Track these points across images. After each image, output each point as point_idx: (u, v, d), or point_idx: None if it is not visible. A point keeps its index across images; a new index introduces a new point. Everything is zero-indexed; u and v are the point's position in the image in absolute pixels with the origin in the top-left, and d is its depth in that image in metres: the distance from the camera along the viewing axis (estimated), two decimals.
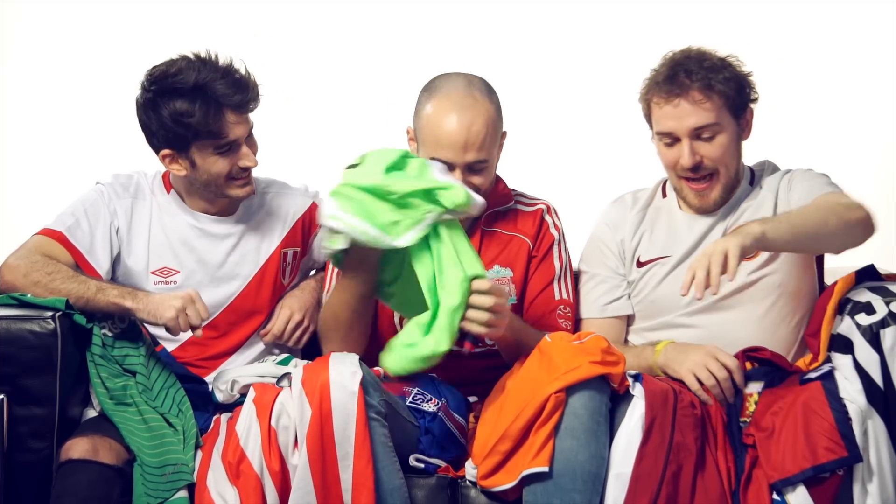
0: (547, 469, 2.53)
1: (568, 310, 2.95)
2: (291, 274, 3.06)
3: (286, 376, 2.73)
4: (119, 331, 2.81)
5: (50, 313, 2.69)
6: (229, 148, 2.90)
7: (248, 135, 2.93)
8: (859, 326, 2.57)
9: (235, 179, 2.93)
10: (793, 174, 2.94)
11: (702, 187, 2.90)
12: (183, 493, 2.63)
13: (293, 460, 2.59)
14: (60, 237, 2.90)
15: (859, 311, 2.58)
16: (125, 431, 2.70)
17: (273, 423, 2.60)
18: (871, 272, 2.76)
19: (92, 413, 2.80)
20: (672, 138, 2.87)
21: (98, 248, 2.92)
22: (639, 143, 2.97)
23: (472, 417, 2.81)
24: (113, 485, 2.63)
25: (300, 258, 3.08)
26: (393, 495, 2.59)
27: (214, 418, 2.81)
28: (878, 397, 2.54)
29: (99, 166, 3.22)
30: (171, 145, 2.89)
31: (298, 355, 3.00)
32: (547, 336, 2.64)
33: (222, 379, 2.86)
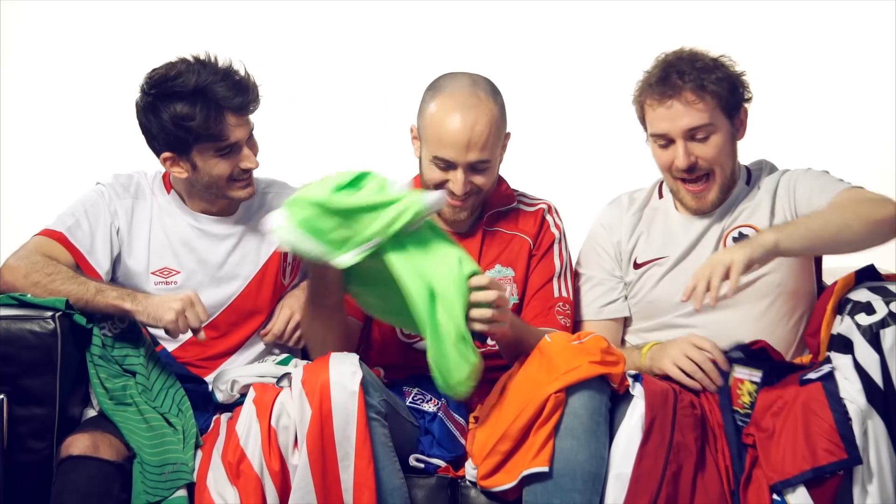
0: (547, 469, 2.53)
1: (567, 307, 2.95)
2: (291, 274, 3.06)
3: (286, 376, 2.73)
4: (119, 331, 2.81)
5: (50, 313, 2.69)
6: (230, 150, 2.89)
7: (249, 136, 2.93)
8: (859, 326, 2.57)
9: (237, 181, 2.93)
10: (792, 175, 2.93)
11: (698, 189, 2.89)
12: (182, 492, 2.63)
13: (293, 460, 2.59)
14: (61, 237, 2.90)
15: (859, 311, 2.58)
16: (125, 431, 2.70)
17: (273, 423, 2.60)
18: (871, 272, 2.75)
19: (92, 413, 2.80)
20: (666, 140, 2.86)
21: (98, 249, 2.92)
22: (639, 143, 2.96)
23: (471, 417, 2.81)
24: (113, 481, 2.63)
25: (300, 258, 3.08)
26: (393, 495, 2.59)
27: (214, 418, 2.81)
28: (877, 397, 2.53)
29: (99, 166, 3.22)
30: (171, 148, 2.89)
31: (298, 355, 3.00)
32: (547, 336, 2.64)
33: (222, 379, 2.86)
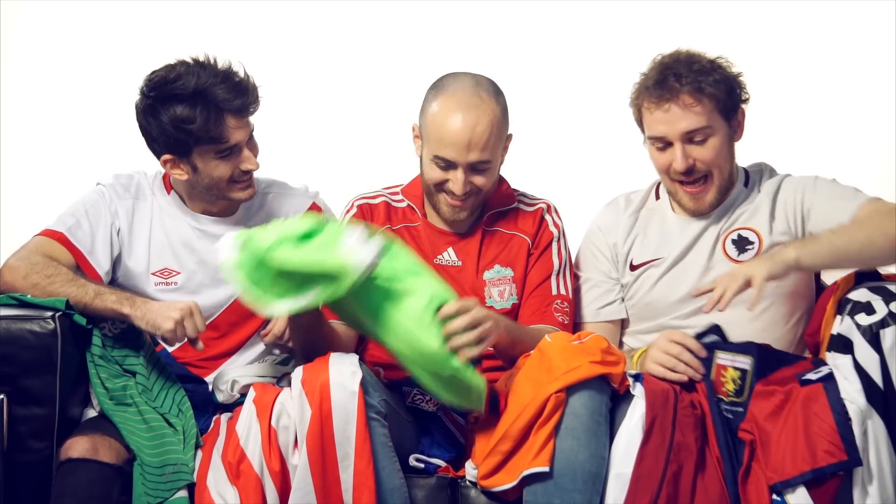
0: (547, 469, 2.54)
1: (566, 305, 2.94)
2: None
3: (286, 376, 2.73)
4: (119, 331, 2.81)
5: (50, 313, 2.69)
6: (230, 152, 2.89)
7: (249, 137, 2.93)
8: (859, 326, 2.57)
9: (237, 182, 2.93)
10: (797, 183, 2.90)
11: (696, 190, 2.89)
12: (182, 492, 2.63)
13: (293, 460, 2.59)
14: (61, 238, 2.89)
15: (859, 311, 2.58)
16: (125, 431, 2.70)
17: (273, 423, 2.60)
18: (871, 272, 2.75)
19: (92, 413, 2.80)
20: (664, 143, 2.86)
21: (99, 249, 2.92)
22: (639, 143, 2.96)
23: (471, 417, 2.81)
24: (113, 483, 2.63)
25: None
26: (393, 495, 2.59)
27: (214, 418, 2.81)
28: (877, 397, 2.53)
29: (99, 167, 3.21)
30: (172, 150, 2.88)
31: None
32: (547, 336, 2.64)
33: (222, 379, 2.87)
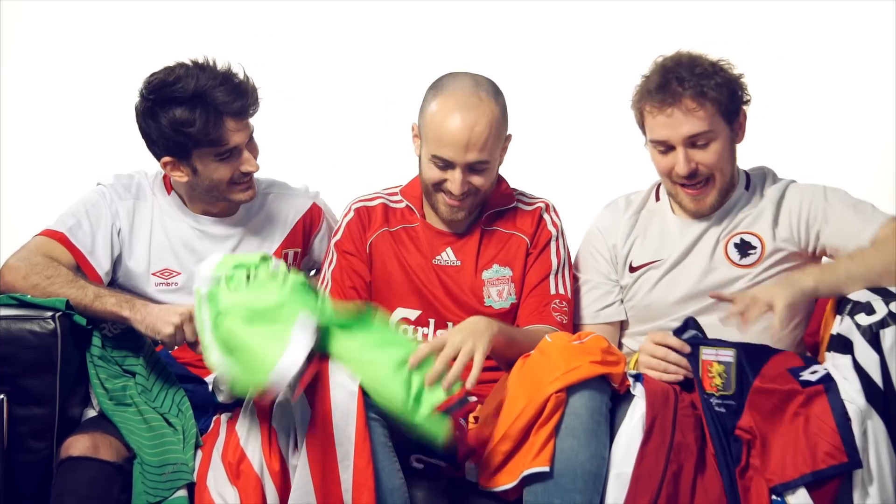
0: (547, 469, 2.53)
1: (564, 304, 2.94)
2: None
3: None
4: (118, 332, 2.80)
5: (50, 313, 2.69)
6: (230, 154, 2.89)
7: (249, 139, 2.93)
8: (859, 326, 2.57)
9: (237, 184, 2.93)
10: (805, 192, 2.89)
11: (698, 192, 2.89)
12: (182, 492, 2.63)
13: (293, 460, 2.59)
14: (62, 238, 2.90)
15: (859, 311, 2.58)
16: (125, 431, 2.71)
17: (273, 423, 2.60)
18: None
19: (92, 413, 2.80)
20: (666, 146, 2.86)
21: (99, 249, 2.92)
22: (639, 144, 2.96)
23: (471, 417, 2.81)
24: (113, 482, 2.63)
25: (301, 259, 3.08)
26: (393, 495, 2.59)
27: (214, 418, 2.81)
28: (877, 397, 2.53)
29: (99, 167, 3.21)
30: (171, 153, 2.89)
31: None
32: (547, 336, 2.64)
33: (223, 379, 2.86)
